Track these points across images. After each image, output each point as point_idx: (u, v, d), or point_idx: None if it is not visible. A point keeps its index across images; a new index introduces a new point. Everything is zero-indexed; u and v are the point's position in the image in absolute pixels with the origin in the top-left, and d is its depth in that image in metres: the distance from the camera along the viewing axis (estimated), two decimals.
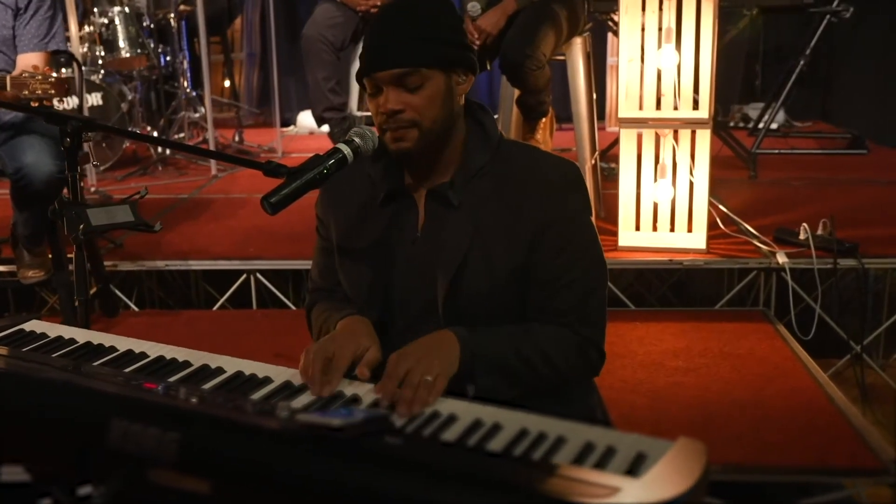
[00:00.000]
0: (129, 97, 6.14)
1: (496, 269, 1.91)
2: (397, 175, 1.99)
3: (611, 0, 4.72)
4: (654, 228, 4.05)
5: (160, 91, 6.53)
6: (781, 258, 3.80)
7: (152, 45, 6.12)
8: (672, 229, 4.02)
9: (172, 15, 6.34)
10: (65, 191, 3.43)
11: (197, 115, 6.55)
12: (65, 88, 3.05)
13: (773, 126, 6.26)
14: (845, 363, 3.83)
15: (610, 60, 7.13)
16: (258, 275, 4.04)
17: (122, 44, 5.87)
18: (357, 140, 1.88)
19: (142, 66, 6.13)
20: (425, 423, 1.58)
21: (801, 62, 5.77)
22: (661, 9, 3.86)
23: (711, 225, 4.05)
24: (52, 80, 3.03)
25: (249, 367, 1.83)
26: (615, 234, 4.04)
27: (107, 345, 1.93)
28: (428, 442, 1.50)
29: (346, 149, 1.86)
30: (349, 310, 2.00)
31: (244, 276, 4.04)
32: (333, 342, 1.82)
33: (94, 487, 1.50)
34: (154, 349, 1.91)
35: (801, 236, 3.89)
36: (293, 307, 4.12)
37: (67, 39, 3.97)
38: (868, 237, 3.96)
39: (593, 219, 2.00)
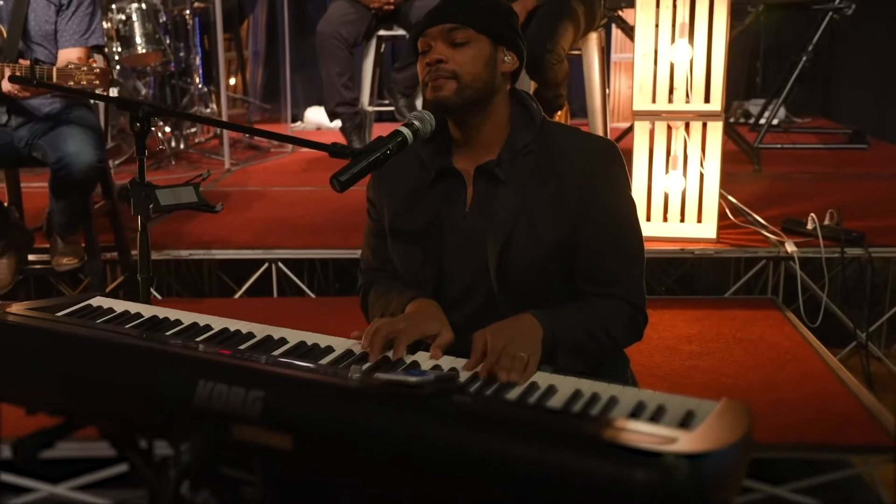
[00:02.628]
0: (143, 92, 6.25)
1: (543, 240, 2.04)
2: (446, 155, 2.12)
3: None
4: (665, 219, 4.16)
5: (175, 87, 6.62)
6: (790, 247, 3.92)
7: (168, 42, 6.20)
8: (683, 220, 4.13)
9: (188, 12, 6.43)
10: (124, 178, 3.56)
11: (208, 110, 6.65)
12: (108, 80, 3.16)
13: (774, 122, 6.39)
14: (850, 352, 3.94)
15: (614, 57, 7.24)
16: (279, 264, 4.14)
17: (138, 40, 5.95)
18: (416, 123, 2.00)
19: (157, 61, 6.21)
20: (485, 385, 1.70)
21: (804, 58, 5.88)
22: (675, 5, 3.98)
23: (721, 216, 4.16)
24: (97, 71, 3.14)
25: (310, 337, 1.93)
26: None
27: (172, 318, 2.03)
28: (493, 400, 1.62)
29: (406, 131, 1.98)
30: (412, 292, 2.12)
31: (266, 265, 4.14)
32: (403, 321, 1.94)
33: (181, 444, 1.61)
34: (217, 322, 2.01)
35: (809, 226, 4.01)
36: (312, 295, 4.24)
37: None
38: (872, 228, 4.07)
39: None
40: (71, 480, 2.88)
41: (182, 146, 6.29)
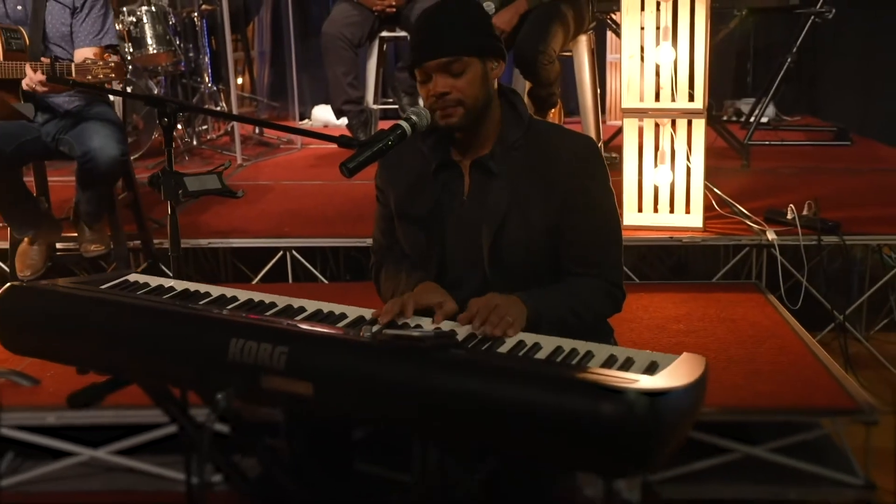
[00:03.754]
0: (155, 91, 6.49)
1: (532, 226, 2.30)
2: (445, 149, 2.38)
3: (612, 0, 5.09)
4: (656, 210, 4.40)
5: (187, 86, 6.86)
6: (771, 235, 4.16)
7: (178, 42, 6.45)
8: (672, 210, 4.37)
9: (196, 14, 6.69)
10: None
11: (218, 108, 6.90)
12: (123, 73, 3.42)
13: (764, 120, 6.61)
14: (831, 335, 4.16)
15: (609, 58, 7.45)
16: (294, 252, 4.39)
17: (149, 41, 6.18)
18: (414, 118, 2.26)
19: (168, 62, 6.45)
20: (479, 343, 1.96)
21: (789, 59, 6.11)
22: (658, 9, 4.22)
23: (707, 207, 4.40)
24: (112, 65, 3.40)
25: (325, 306, 2.18)
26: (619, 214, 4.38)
27: (202, 291, 2.29)
28: (486, 353, 1.88)
29: (405, 125, 2.24)
30: (419, 275, 2.38)
31: (281, 252, 4.39)
32: (412, 295, 2.21)
33: (217, 394, 1.86)
34: (242, 294, 2.27)
35: (789, 216, 4.25)
36: (325, 281, 4.50)
37: None
38: (850, 218, 4.30)
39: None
40: (110, 445, 3.14)
41: (195, 142, 6.54)
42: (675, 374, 1.71)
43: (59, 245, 4.18)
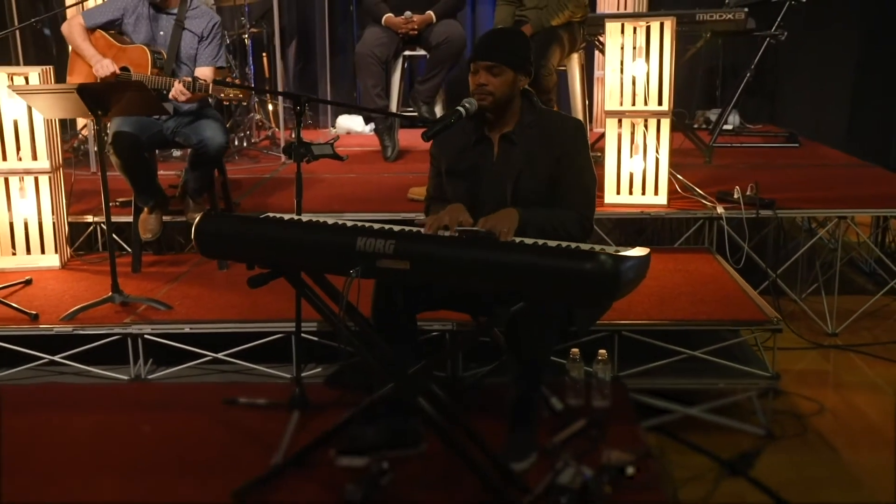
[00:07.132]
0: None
1: (538, 178, 3.47)
2: (482, 127, 3.55)
3: (598, 25, 6.26)
4: (630, 192, 5.52)
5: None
6: (720, 210, 5.30)
7: (232, 59, 7.60)
8: (643, 192, 5.50)
9: (245, 35, 7.86)
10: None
11: (258, 116, 8.03)
12: (249, 96, 4.60)
13: (729, 127, 7.78)
14: (770, 297, 5.24)
15: (598, 73, 8.48)
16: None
17: None
18: (468, 105, 3.42)
19: (223, 77, 7.57)
20: (511, 240, 3.11)
21: (748, 75, 7.25)
22: (634, 32, 5.38)
23: (672, 191, 5.53)
24: (241, 95, 4.65)
25: (406, 227, 3.30)
26: (602, 196, 5.52)
27: (321, 220, 3.41)
28: (518, 242, 3.03)
29: (462, 109, 3.40)
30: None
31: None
32: (446, 212, 3.34)
33: (350, 270, 3.00)
34: (349, 222, 3.40)
35: (735, 195, 5.39)
36: None
37: None
38: (785, 198, 5.40)
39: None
40: (227, 350, 4.30)
41: (245, 144, 7.68)
42: (630, 253, 2.87)
43: (164, 218, 5.29)
